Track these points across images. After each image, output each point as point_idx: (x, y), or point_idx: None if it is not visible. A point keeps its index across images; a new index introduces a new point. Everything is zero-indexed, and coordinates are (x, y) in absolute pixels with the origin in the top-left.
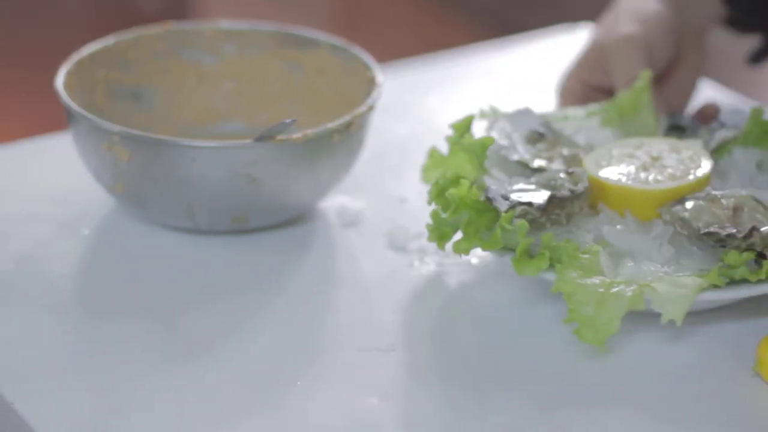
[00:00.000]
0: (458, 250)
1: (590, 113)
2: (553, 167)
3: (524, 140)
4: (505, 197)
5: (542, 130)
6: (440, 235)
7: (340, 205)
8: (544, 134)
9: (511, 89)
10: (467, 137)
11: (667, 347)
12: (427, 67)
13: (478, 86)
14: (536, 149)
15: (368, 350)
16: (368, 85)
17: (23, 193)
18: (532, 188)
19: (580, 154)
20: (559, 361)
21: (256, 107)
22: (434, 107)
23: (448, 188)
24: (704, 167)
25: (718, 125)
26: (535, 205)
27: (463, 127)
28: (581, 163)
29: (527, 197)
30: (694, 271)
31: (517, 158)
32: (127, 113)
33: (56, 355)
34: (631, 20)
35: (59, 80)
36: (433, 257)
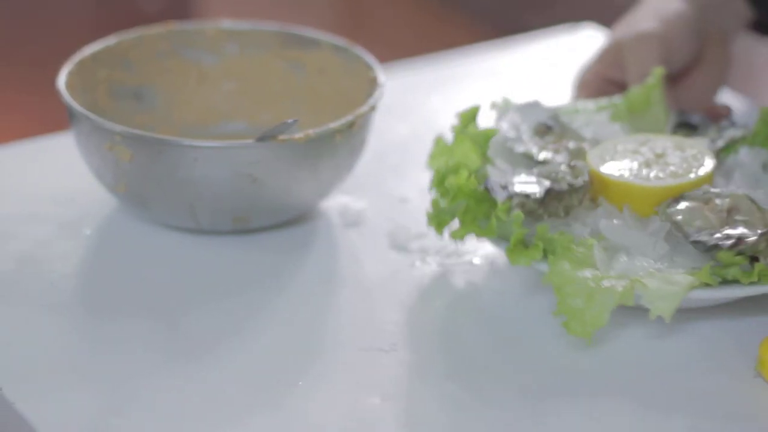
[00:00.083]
0: (455, 236)
1: (600, 107)
2: (556, 160)
3: (532, 132)
4: (503, 187)
5: (550, 122)
6: (439, 222)
7: (341, 205)
8: (551, 127)
9: (512, 89)
10: (471, 127)
11: (668, 347)
12: (428, 67)
13: (479, 86)
14: (543, 141)
15: (370, 350)
16: (370, 85)
17: (24, 193)
18: (532, 180)
19: (585, 147)
20: (562, 360)
21: (257, 107)
22: (436, 107)
23: (448, 176)
24: (706, 166)
25: (728, 124)
26: (532, 196)
27: (468, 116)
28: (586, 156)
29: (525, 188)
30: (687, 268)
31: (522, 150)
32: (128, 113)
33: (58, 355)
34: (651, 18)
35: (61, 80)
36: (434, 257)
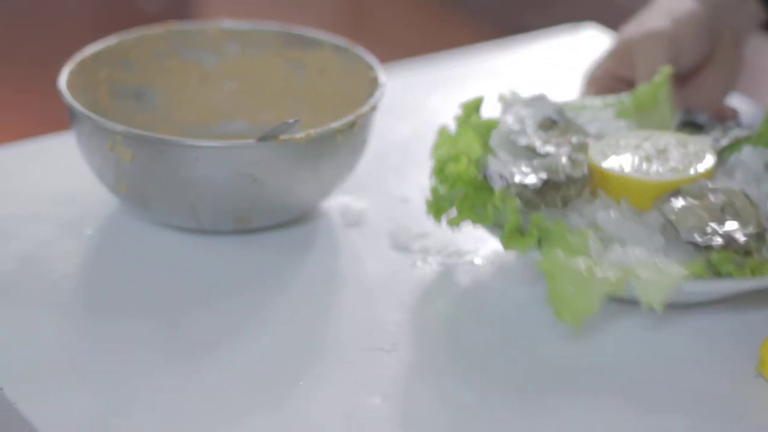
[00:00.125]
0: (451, 223)
1: (607, 104)
2: (558, 153)
3: (536, 126)
4: (502, 177)
5: (555, 117)
6: (437, 209)
7: (342, 204)
8: (556, 121)
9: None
10: (474, 118)
11: (668, 348)
12: (429, 67)
13: (481, 86)
14: (547, 135)
15: (371, 350)
16: (371, 85)
17: (26, 193)
18: (530, 170)
19: (589, 142)
20: (563, 360)
21: (258, 107)
22: (437, 107)
23: (448, 164)
24: (706, 163)
25: (734, 125)
26: (530, 186)
27: (471, 107)
28: (588, 150)
29: (523, 178)
30: (683, 261)
31: (525, 143)
32: (129, 113)
33: (59, 355)
34: (662, 17)
35: (62, 80)
36: (436, 257)
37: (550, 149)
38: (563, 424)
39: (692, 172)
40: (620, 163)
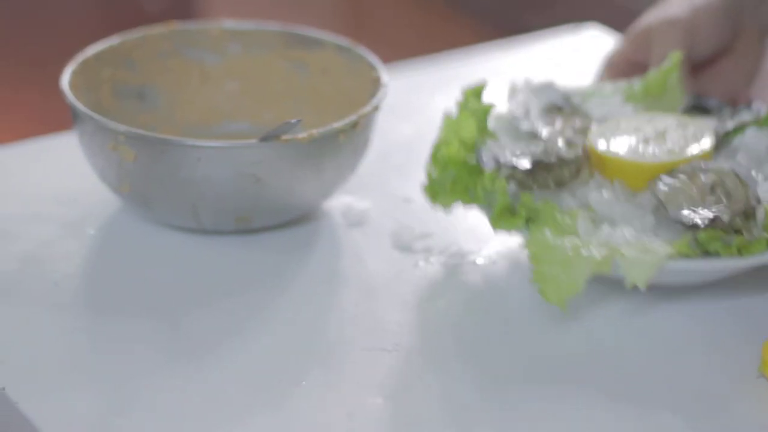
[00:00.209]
0: (442, 203)
1: (617, 90)
2: (556, 135)
3: (541, 112)
4: (495, 159)
5: (561, 103)
6: (433, 192)
7: (345, 205)
8: (562, 107)
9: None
10: (473, 102)
11: (669, 349)
12: (432, 67)
13: None
14: (551, 121)
15: (373, 350)
16: (373, 85)
17: (27, 193)
18: (522, 152)
19: (592, 126)
20: (567, 361)
21: (260, 107)
22: (439, 107)
23: (441, 148)
24: (703, 145)
25: (744, 108)
26: (520, 167)
27: (473, 93)
28: (588, 133)
29: (514, 160)
30: (670, 240)
31: (527, 128)
32: (132, 113)
33: (61, 354)
34: (682, 4)
35: (65, 80)
36: (438, 257)
37: (550, 133)
38: (566, 425)
39: (688, 153)
40: (617, 145)
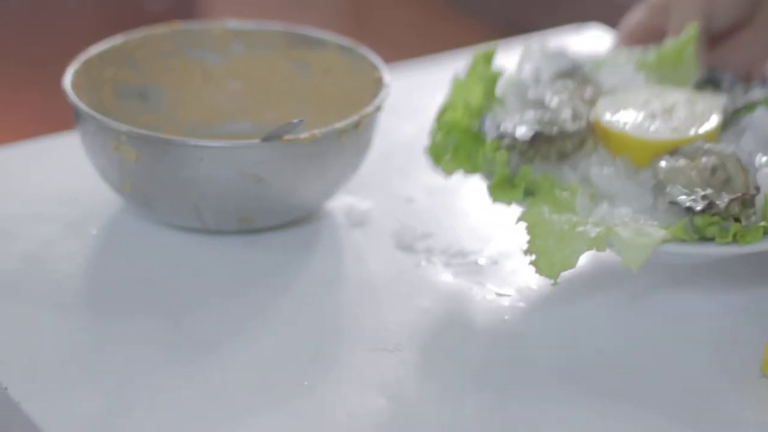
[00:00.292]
0: (444, 169)
1: (630, 58)
2: (562, 105)
3: (552, 79)
4: (497, 128)
5: (572, 70)
6: (436, 154)
7: (347, 205)
8: (572, 75)
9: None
10: (482, 68)
11: (669, 349)
12: (434, 67)
13: None
14: (560, 89)
15: (375, 350)
16: (375, 85)
17: (29, 193)
18: (524, 122)
19: (601, 97)
20: (568, 362)
21: (263, 107)
22: None
23: (446, 112)
24: (709, 124)
25: (758, 85)
26: (520, 138)
27: (483, 57)
28: (596, 104)
29: (515, 130)
30: (668, 222)
31: (535, 96)
32: (134, 113)
33: (63, 354)
34: None
35: (67, 80)
36: (440, 257)
37: (558, 102)
38: (565, 424)
39: (692, 132)
40: (623, 119)
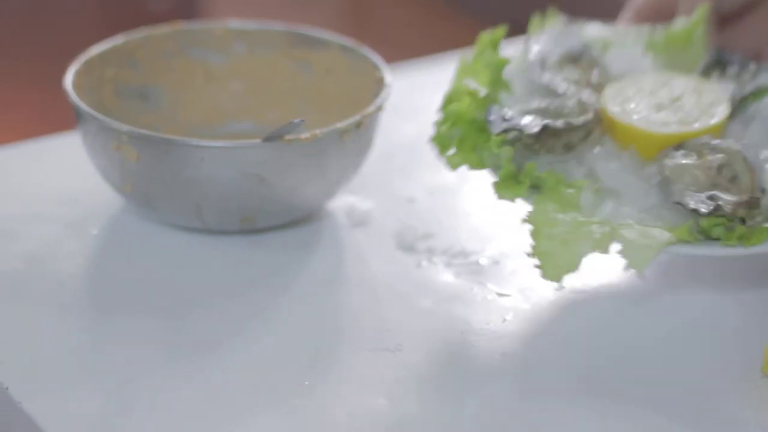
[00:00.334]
0: (450, 162)
1: (639, 38)
2: (572, 94)
3: (559, 60)
4: (503, 119)
5: (580, 52)
6: (442, 143)
7: (348, 205)
8: (580, 57)
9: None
10: (488, 53)
11: (670, 350)
12: (435, 67)
13: None
14: (568, 72)
15: (376, 350)
16: (377, 85)
17: (30, 193)
18: (530, 114)
19: (608, 83)
20: (569, 362)
21: (264, 107)
22: None
23: (452, 102)
24: (717, 117)
25: (767, 67)
26: (526, 131)
27: (489, 41)
28: (603, 92)
29: (521, 123)
30: (673, 222)
31: (542, 81)
32: (135, 113)
33: (64, 354)
34: None
35: (68, 80)
36: (441, 257)
37: (566, 88)
38: (565, 424)
39: (699, 125)
40: (630, 109)
